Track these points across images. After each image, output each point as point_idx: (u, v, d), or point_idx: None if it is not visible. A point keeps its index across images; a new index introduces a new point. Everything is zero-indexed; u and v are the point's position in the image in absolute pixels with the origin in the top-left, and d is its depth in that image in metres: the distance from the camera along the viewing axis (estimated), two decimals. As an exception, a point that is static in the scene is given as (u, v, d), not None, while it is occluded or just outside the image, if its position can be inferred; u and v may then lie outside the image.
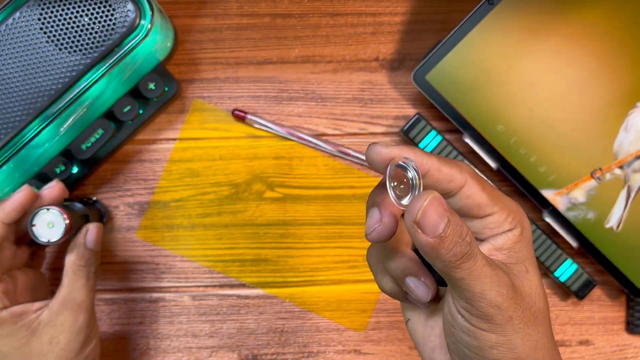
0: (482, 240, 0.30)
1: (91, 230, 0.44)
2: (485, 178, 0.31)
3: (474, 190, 0.29)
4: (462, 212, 0.30)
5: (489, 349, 0.29)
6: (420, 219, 0.25)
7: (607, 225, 0.50)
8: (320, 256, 0.53)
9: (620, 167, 0.49)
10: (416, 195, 0.26)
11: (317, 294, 0.53)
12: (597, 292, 0.54)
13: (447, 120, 0.52)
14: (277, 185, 0.53)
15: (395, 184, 0.27)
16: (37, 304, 0.43)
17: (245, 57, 0.53)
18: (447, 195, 0.29)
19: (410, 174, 0.26)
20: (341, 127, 0.53)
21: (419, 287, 0.30)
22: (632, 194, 0.50)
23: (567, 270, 0.52)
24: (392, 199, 0.27)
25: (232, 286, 0.53)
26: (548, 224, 0.52)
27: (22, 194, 0.43)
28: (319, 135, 0.53)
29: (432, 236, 0.26)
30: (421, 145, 0.51)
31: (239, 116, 0.52)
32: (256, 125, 0.53)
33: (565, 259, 0.52)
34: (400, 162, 0.27)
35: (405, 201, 0.27)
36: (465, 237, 0.26)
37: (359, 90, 0.53)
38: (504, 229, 0.30)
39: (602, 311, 0.54)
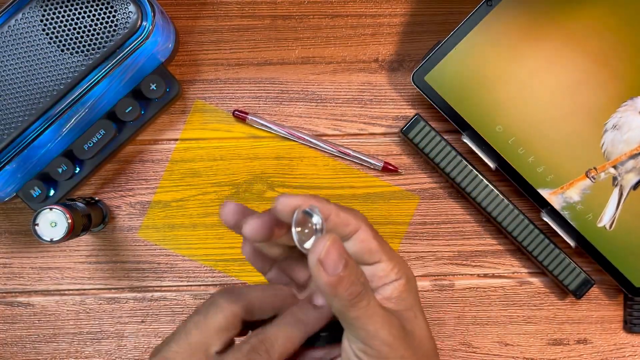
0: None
1: None
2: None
3: (367, 235, 0.31)
4: (355, 258, 0.31)
5: None
6: (324, 257, 0.28)
7: (600, 224, 0.50)
8: (320, 255, 0.53)
9: (614, 167, 0.50)
10: (320, 237, 0.28)
11: (317, 293, 0.54)
12: (595, 291, 0.54)
13: (446, 120, 0.52)
14: (278, 185, 0.53)
15: (300, 229, 0.29)
16: None
17: (245, 58, 0.53)
18: (343, 239, 0.31)
19: (315, 219, 0.29)
20: (341, 128, 0.54)
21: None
22: (625, 193, 0.50)
23: (565, 269, 0.52)
24: (296, 243, 0.29)
25: (233, 285, 0.54)
26: (546, 224, 0.52)
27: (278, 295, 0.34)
28: (319, 136, 0.53)
29: (332, 274, 0.28)
30: (420, 145, 0.51)
31: (240, 117, 0.53)
32: (257, 126, 0.53)
33: (563, 259, 0.52)
34: (306, 209, 0.29)
35: (307, 245, 0.29)
36: (360, 278, 0.29)
37: (358, 91, 0.54)
38: (391, 279, 0.32)
39: (600, 310, 0.54)
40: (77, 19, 0.45)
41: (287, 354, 0.32)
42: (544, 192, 0.51)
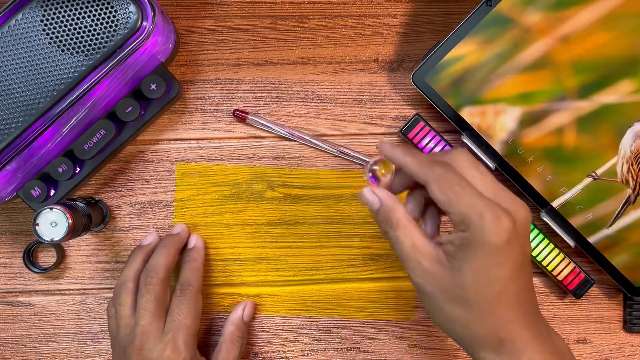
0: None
1: (248, 307, 0.52)
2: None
3: (432, 190, 0.37)
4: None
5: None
6: (365, 196, 0.40)
7: (603, 224, 0.50)
8: (320, 255, 0.54)
9: (616, 165, 0.50)
10: (369, 187, 0.40)
11: (316, 293, 0.54)
12: (594, 291, 0.54)
13: (445, 120, 0.52)
14: (278, 185, 0.53)
15: (378, 167, 0.40)
16: None
17: (246, 59, 0.53)
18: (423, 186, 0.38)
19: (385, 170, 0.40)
20: (341, 128, 0.54)
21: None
22: (627, 192, 0.50)
23: (564, 269, 0.52)
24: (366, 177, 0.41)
25: (232, 285, 0.54)
26: (546, 224, 0.52)
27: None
28: (319, 136, 0.54)
29: (372, 207, 0.39)
30: (420, 145, 0.52)
31: (240, 117, 0.53)
32: (257, 126, 0.53)
33: (563, 258, 0.52)
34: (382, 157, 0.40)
35: (382, 181, 0.41)
36: (389, 221, 0.39)
37: (358, 91, 0.54)
38: (455, 229, 0.37)
39: (599, 310, 0.54)
40: (78, 19, 0.45)
41: None
42: (546, 192, 0.51)
